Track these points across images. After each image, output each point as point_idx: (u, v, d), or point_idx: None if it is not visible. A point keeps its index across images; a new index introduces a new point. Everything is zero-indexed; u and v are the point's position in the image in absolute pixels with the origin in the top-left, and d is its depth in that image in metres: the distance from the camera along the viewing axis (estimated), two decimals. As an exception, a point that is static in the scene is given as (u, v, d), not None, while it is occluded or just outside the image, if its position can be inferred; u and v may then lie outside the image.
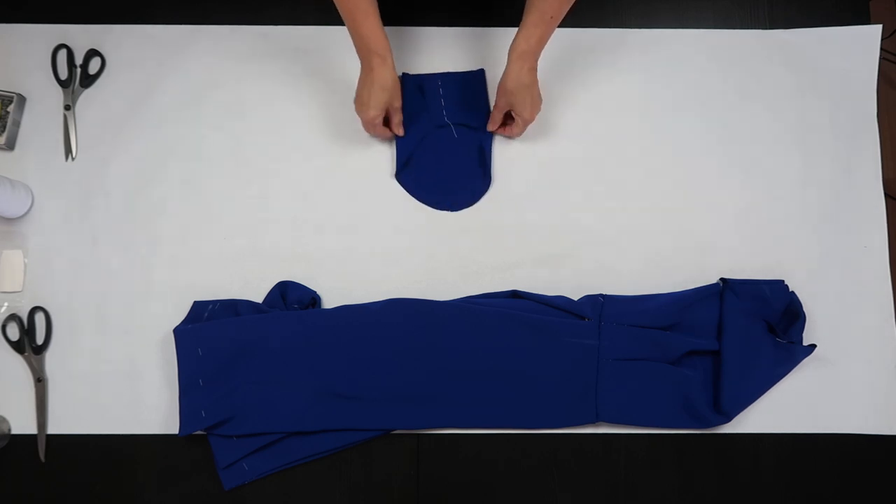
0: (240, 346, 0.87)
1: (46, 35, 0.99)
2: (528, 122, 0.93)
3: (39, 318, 0.92)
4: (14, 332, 0.91)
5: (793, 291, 0.92)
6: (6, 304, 0.92)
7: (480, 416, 0.89)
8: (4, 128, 0.95)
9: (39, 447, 0.89)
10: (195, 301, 0.91)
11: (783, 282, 0.92)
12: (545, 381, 0.88)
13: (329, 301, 0.93)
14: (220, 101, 0.99)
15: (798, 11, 1.03)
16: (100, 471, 0.89)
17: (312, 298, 0.91)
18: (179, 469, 0.89)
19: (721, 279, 0.93)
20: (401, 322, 0.89)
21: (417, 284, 0.93)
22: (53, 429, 0.90)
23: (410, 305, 0.90)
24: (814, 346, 0.90)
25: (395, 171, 0.96)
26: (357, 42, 0.86)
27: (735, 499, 0.89)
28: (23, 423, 0.90)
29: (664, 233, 0.96)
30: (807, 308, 0.91)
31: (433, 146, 0.97)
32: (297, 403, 0.87)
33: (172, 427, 0.88)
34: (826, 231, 0.96)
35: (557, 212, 0.96)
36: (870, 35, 1.01)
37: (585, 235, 0.96)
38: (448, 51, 1.01)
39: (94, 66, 0.99)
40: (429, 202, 0.96)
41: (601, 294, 0.92)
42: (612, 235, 0.96)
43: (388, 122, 0.94)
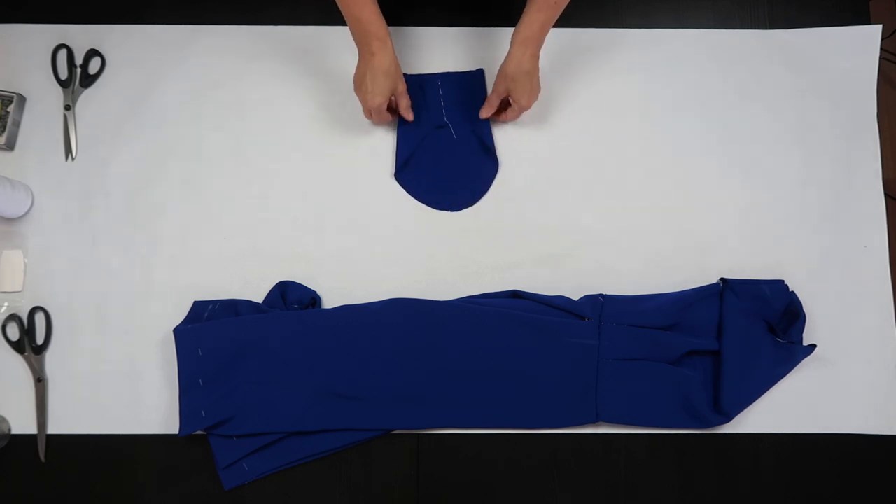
0: (240, 346, 0.87)
1: (46, 35, 0.99)
2: (525, 110, 0.93)
3: (39, 318, 0.92)
4: (14, 332, 0.91)
5: (793, 291, 0.92)
6: (6, 304, 0.92)
7: (480, 416, 0.89)
8: (4, 128, 0.95)
9: (39, 447, 0.89)
10: (195, 301, 0.91)
11: (783, 282, 0.92)
12: (545, 381, 0.88)
13: (329, 301, 0.93)
14: (220, 101, 0.99)
15: (798, 11, 1.03)
16: (100, 471, 0.89)
17: (312, 298, 0.91)
18: (179, 469, 0.89)
19: (721, 279, 0.93)
20: (401, 322, 0.89)
21: (417, 284, 0.93)
22: (53, 429, 0.90)
23: (410, 305, 0.90)
24: (814, 346, 0.90)
25: (395, 171, 0.96)
26: (355, 28, 0.86)
27: (735, 499, 0.89)
28: (23, 423, 0.90)
29: (664, 233, 0.96)
30: (807, 308, 0.91)
31: (433, 146, 0.97)
32: (297, 403, 0.87)
33: (172, 427, 0.88)
34: (826, 231, 0.96)
35: (557, 212, 0.96)
36: (870, 35, 1.01)
37: (585, 235, 0.96)
38: (448, 51, 1.01)
39: (94, 66, 0.99)
40: (429, 202, 0.96)
41: (601, 294, 0.92)
42: (612, 235, 0.96)
43: (391, 108, 0.94)
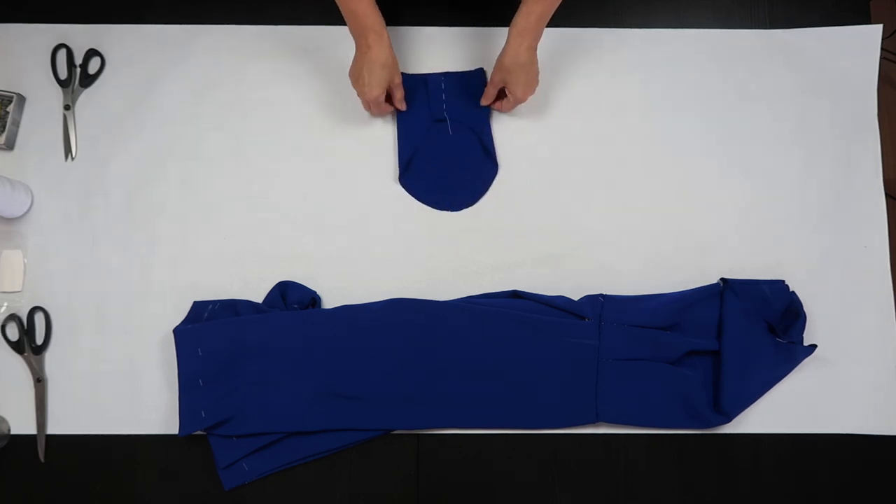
0: (240, 347, 0.87)
1: (46, 35, 0.99)
2: (520, 102, 0.93)
3: (39, 318, 0.92)
4: (14, 332, 0.91)
5: (793, 291, 0.92)
6: (6, 304, 0.92)
7: (480, 416, 0.89)
8: (4, 128, 0.95)
9: (39, 447, 0.89)
10: (195, 301, 0.91)
11: (783, 282, 0.92)
12: (545, 382, 0.88)
13: (329, 301, 0.93)
14: (220, 101, 0.99)
15: (798, 11, 1.03)
16: (100, 471, 0.89)
17: (312, 298, 0.91)
18: (179, 469, 0.89)
19: (721, 279, 0.93)
20: (401, 322, 0.89)
21: (417, 284, 0.93)
22: (53, 429, 0.90)
23: (410, 305, 0.90)
24: (814, 346, 0.90)
25: (399, 175, 0.96)
26: (351, 22, 0.86)
27: (735, 499, 0.89)
28: (23, 423, 0.90)
29: (664, 233, 0.96)
30: (807, 308, 0.91)
31: (433, 146, 0.97)
32: (297, 403, 0.87)
33: (172, 427, 0.88)
34: (826, 231, 0.96)
35: (557, 212, 0.96)
36: (870, 35, 1.01)
37: (585, 235, 0.96)
38: (448, 51, 1.01)
39: (94, 66, 0.99)
40: (429, 202, 0.96)
41: (601, 294, 0.92)
42: (612, 235, 0.96)
43: (389, 99, 0.94)
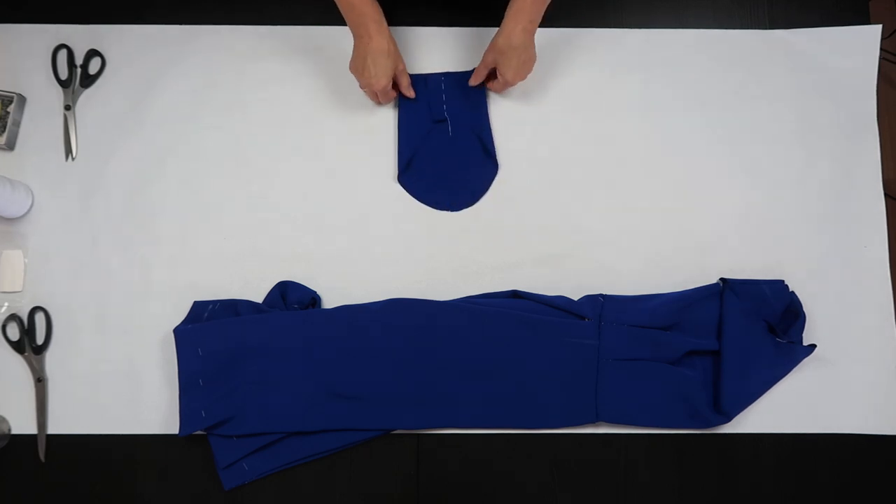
0: (240, 346, 0.87)
1: (46, 35, 0.99)
2: (510, 85, 0.93)
3: (39, 318, 0.92)
4: (14, 332, 0.91)
5: (793, 291, 0.92)
6: (6, 304, 0.92)
7: (480, 416, 0.89)
8: (4, 128, 0.95)
9: (39, 447, 0.89)
10: (195, 301, 0.91)
11: (783, 282, 0.92)
12: (545, 381, 0.88)
13: (329, 301, 0.93)
14: (220, 101, 0.99)
15: (798, 11, 1.03)
16: (100, 471, 0.89)
17: (312, 298, 0.91)
18: (179, 469, 0.89)
19: (721, 279, 0.93)
20: (401, 322, 0.89)
21: (417, 284, 0.93)
22: (53, 429, 0.90)
23: (410, 305, 0.90)
24: (814, 346, 0.90)
25: (398, 174, 0.96)
26: (349, 13, 0.86)
27: (735, 499, 0.89)
28: (23, 423, 0.90)
29: (664, 233, 0.96)
30: (807, 308, 0.91)
31: (433, 146, 0.97)
32: (297, 403, 0.87)
33: (172, 427, 0.88)
34: (826, 231, 0.96)
35: (557, 212, 0.96)
36: (870, 35, 1.01)
37: (585, 235, 0.96)
38: (448, 51, 1.01)
39: (94, 66, 0.99)
40: (429, 202, 0.96)
41: (601, 294, 0.92)
42: (612, 235, 0.96)
43: (394, 87, 0.94)
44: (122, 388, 0.90)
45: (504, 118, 0.98)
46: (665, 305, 0.90)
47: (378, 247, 0.95)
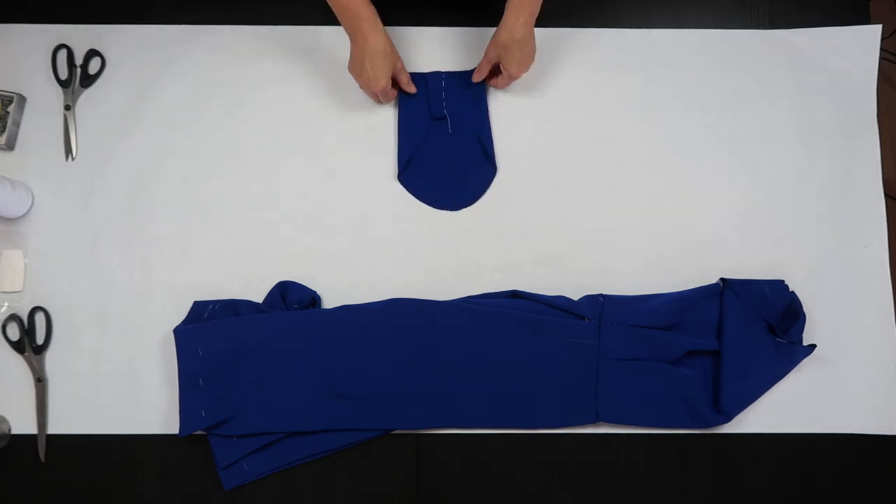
0: (240, 346, 0.87)
1: (46, 35, 0.99)
2: (514, 79, 0.93)
3: (39, 318, 0.92)
4: (14, 332, 0.91)
5: (793, 291, 0.92)
6: (6, 304, 0.92)
7: (480, 416, 0.89)
8: (4, 128, 0.95)
9: (39, 447, 0.89)
10: (195, 301, 0.91)
11: (783, 282, 0.92)
12: (545, 381, 0.88)
13: (329, 301, 0.93)
14: (220, 101, 0.99)
15: (798, 11, 1.03)
16: (100, 471, 0.89)
17: (312, 298, 0.91)
18: (179, 469, 0.89)
19: (721, 279, 0.93)
20: (401, 322, 0.89)
21: (417, 284, 0.93)
22: (53, 429, 0.90)
23: (410, 305, 0.90)
24: (814, 346, 0.90)
25: (398, 173, 0.96)
26: (344, 15, 0.86)
27: (735, 499, 0.89)
28: (23, 423, 0.90)
29: (664, 233, 0.96)
30: (807, 308, 0.91)
31: (433, 145, 0.97)
32: (297, 403, 0.87)
33: (172, 427, 0.88)
34: (826, 231, 0.96)
35: (557, 212, 0.96)
36: (870, 35, 1.01)
37: (585, 235, 0.96)
38: (448, 51, 1.01)
39: (94, 66, 0.99)
40: (429, 201, 0.96)
41: (601, 294, 0.92)
42: (612, 235, 0.96)
43: (394, 85, 0.95)
44: (122, 388, 0.90)
45: (504, 118, 0.98)
46: (665, 305, 0.90)
47: (378, 247, 0.95)
